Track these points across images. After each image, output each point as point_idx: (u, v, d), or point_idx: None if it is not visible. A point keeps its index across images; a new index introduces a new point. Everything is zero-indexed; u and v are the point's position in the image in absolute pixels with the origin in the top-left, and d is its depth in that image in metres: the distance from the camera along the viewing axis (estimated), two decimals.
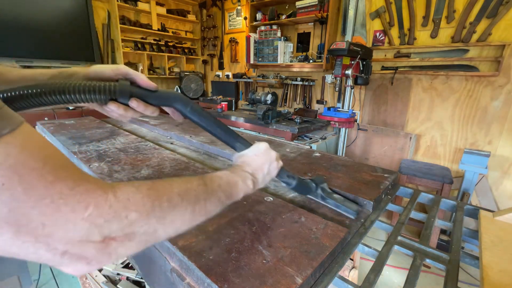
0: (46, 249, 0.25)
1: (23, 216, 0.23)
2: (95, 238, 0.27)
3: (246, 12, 3.78)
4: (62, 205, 0.25)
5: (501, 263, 0.61)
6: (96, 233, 0.27)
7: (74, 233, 0.25)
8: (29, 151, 0.24)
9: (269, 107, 2.84)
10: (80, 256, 0.27)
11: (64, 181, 0.26)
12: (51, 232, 0.24)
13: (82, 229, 0.26)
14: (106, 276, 1.50)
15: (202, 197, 0.41)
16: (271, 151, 0.61)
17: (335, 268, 0.60)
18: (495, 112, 2.24)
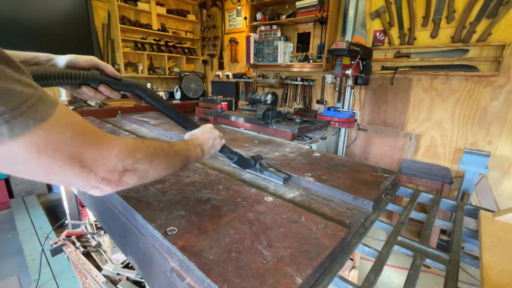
0: (94, 176, 0.40)
1: (83, 156, 0.38)
2: (119, 168, 0.44)
3: (246, 12, 3.78)
4: (102, 149, 0.41)
5: (501, 263, 0.61)
6: (120, 165, 0.44)
7: (109, 165, 0.42)
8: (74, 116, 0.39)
9: (269, 107, 2.84)
10: (109, 181, 0.43)
11: (101, 135, 0.42)
12: (97, 164, 0.40)
13: (113, 162, 0.42)
14: (106, 276, 1.50)
15: (171, 153, 0.58)
16: (215, 130, 0.79)
17: (335, 268, 0.60)
18: (495, 112, 2.24)
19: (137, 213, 0.71)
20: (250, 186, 0.90)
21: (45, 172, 0.36)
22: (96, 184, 0.42)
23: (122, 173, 0.44)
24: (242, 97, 4.38)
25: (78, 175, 0.38)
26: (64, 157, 0.36)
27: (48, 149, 0.34)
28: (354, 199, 0.86)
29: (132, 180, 0.47)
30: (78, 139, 0.37)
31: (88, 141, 0.39)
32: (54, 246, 1.78)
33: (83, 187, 0.42)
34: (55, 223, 2.45)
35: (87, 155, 0.38)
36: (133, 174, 0.47)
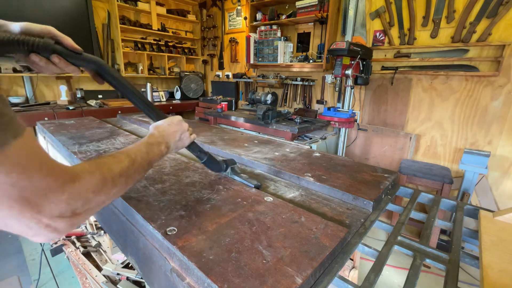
0: (36, 222, 0.35)
1: (26, 197, 0.33)
2: (67, 214, 0.38)
3: (246, 12, 3.78)
4: (49, 193, 0.36)
5: (501, 263, 0.61)
6: (68, 210, 0.38)
7: (55, 211, 0.36)
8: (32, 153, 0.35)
9: (269, 107, 2.84)
10: (55, 228, 0.37)
11: (51, 176, 0.36)
12: (42, 210, 0.35)
13: (60, 207, 0.37)
14: (106, 276, 1.50)
15: (132, 171, 0.55)
16: (184, 123, 0.73)
17: (335, 268, 0.60)
18: (495, 112, 2.24)
19: (137, 213, 0.71)
20: (250, 186, 0.90)
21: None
22: (40, 231, 0.36)
23: (70, 218, 0.39)
24: (242, 97, 4.38)
25: (16, 219, 0.33)
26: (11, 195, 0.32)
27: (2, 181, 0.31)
28: (354, 199, 0.86)
29: (83, 219, 0.43)
30: (25, 180, 0.33)
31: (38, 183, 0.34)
32: (54, 246, 1.78)
33: (24, 233, 0.36)
34: None
35: (31, 199, 0.33)
36: (84, 215, 0.42)
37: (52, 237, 0.38)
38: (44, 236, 0.37)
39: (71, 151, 1.20)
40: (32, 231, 0.36)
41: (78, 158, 1.12)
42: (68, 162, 1.29)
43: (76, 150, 1.21)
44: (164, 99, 4.32)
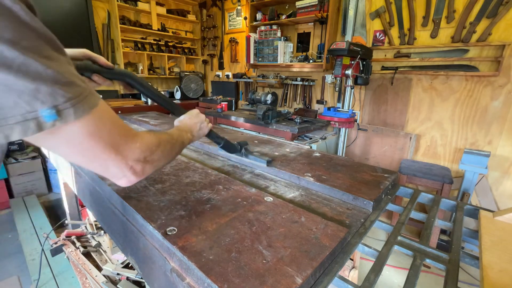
0: (125, 164, 0.47)
1: (118, 145, 0.45)
2: (141, 159, 0.50)
3: (246, 12, 3.78)
4: (129, 141, 0.48)
5: (501, 263, 0.61)
6: (142, 156, 0.50)
7: (134, 155, 0.49)
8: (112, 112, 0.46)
9: (269, 107, 2.84)
10: (135, 170, 0.49)
11: (129, 131, 0.49)
12: (126, 154, 0.47)
13: (136, 153, 0.49)
14: (106, 276, 1.50)
15: (173, 143, 0.65)
16: (201, 115, 0.86)
17: (335, 268, 0.60)
18: (495, 112, 2.24)
19: (137, 213, 0.71)
20: (250, 186, 0.90)
21: (91, 155, 0.42)
22: (126, 172, 0.48)
23: (143, 163, 0.51)
24: (242, 97, 4.38)
25: (113, 161, 0.45)
26: (106, 143, 0.43)
27: (95, 132, 0.40)
28: (354, 199, 0.86)
29: (150, 169, 0.54)
30: (115, 131, 0.45)
31: (122, 133, 0.46)
32: (54, 246, 1.78)
33: (115, 175, 0.48)
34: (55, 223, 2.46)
35: (120, 144, 0.46)
36: (151, 164, 0.54)
37: (132, 180, 0.50)
38: (127, 178, 0.49)
39: None
40: (121, 172, 0.47)
41: None
42: (69, 163, 1.29)
43: None
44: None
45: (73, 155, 0.41)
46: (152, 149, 0.54)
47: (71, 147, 0.39)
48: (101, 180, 0.92)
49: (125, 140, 0.47)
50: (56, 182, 3.18)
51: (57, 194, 3.18)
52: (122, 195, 0.80)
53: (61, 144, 0.39)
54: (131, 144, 0.48)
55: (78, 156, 0.42)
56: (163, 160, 0.59)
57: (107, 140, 0.43)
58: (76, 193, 1.36)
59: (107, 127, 0.43)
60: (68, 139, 0.38)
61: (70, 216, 2.19)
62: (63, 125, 0.35)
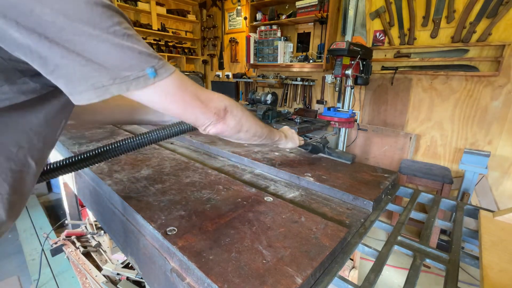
0: (209, 111, 0.55)
1: (200, 96, 0.53)
2: (222, 107, 0.57)
3: (246, 12, 3.78)
4: (208, 93, 0.56)
5: (501, 263, 0.61)
6: (222, 105, 0.58)
7: (215, 104, 0.56)
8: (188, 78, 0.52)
9: (269, 107, 2.84)
10: (219, 117, 0.57)
11: (203, 88, 0.55)
12: (209, 102, 0.55)
13: (217, 102, 0.57)
14: (106, 276, 1.50)
15: (255, 116, 0.71)
16: (292, 129, 1.03)
17: (335, 268, 0.60)
18: (495, 112, 2.24)
19: (137, 213, 0.71)
20: (250, 186, 0.90)
21: (183, 105, 0.51)
22: (211, 118, 0.56)
23: (225, 111, 0.58)
24: (242, 97, 4.38)
25: (201, 109, 0.53)
26: (191, 94, 0.51)
27: (183, 87, 0.49)
28: (354, 199, 0.86)
29: (232, 121, 0.60)
30: (194, 85, 0.52)
31: (199, 88, 0.54)
32: (54, 246, 1.78)
33: (203, 123, 0.56)
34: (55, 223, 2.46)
35: (202, 96, 0.53)
36: (231, 115, 0.60)
37: (219, 127, 0.58)
38: (213, 124, 0.57)
39: (71, 151, 1.21)
40: (208, 118, 0.55)
41: None
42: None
43: (76, 150, 1.21)
44: None
45: (169, 105, 0.49)
46: (230, 101, 0.60)
47: (167, 98, 0.48)
48: (101, 180, 0.92)
49: (204, 93, 0.54)
50: (56, 182, 3.18)
51: (57, 194, 3.19)
52: (122, 195, 0.80)
53: (160, 97, 0.47)
54: (209, 95, 0.55)
55: (173, 106, 0.50)
56: (245, 121, 0.65)
57: (191, 91, 0.51)
58: (76, 193, 1.36)
59: (188, 83, 0.51)
60: (165, 92, 0.47)
61: (70, 216, 2.19)
62: (160, 81, 0.44)
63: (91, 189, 1.05)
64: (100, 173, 0.97)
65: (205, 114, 0.55)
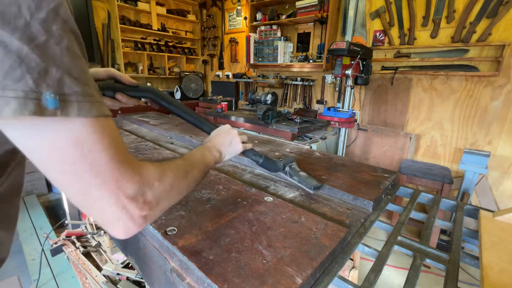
0: (116, 199, 0.36)
1: (105, 175, 0.35)
2: (139, 199, 0.38)
3: (246, 12, 3.78)
4: (125, 173, 0.36)
5: (501, 263, 0.61)
6: (140, 194, 0.38)
7: (130, 190, 0.37)
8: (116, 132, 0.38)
9: (269, 107, 2.84)
10: (131, 214, 0.38)
11: (128, 156, 0.39)
12: (120, 185, 0.36)
13: (134, 188, 0.37)
14: (106, 276, 1.50)
15: (189, 168, 0.54)
16: (233, 130, 0.76)
17: (335, 268, 0.60)
18: (495, 112, 2.24)
19: None
20: (250, 186, 0.90)
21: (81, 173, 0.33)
22: (116, 212, 0.36)
23: (144, 204, 0.39)
24: (242, 97, 4.38)
25: (100, 189, 0.35)
26: (104, 160, 0.34)
27: (95, 143, 0.34)
28: (354, 199, 0.86)
29: (155, 213, 0.43)
30: (117, 151, 0.36)
31: (123, 159, 0.37)
32: (54, 246, 1.78)
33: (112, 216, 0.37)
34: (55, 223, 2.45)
35: (110, 175, 0.35)
36: (155, 206, 0.41)
37: (128, 226, 0.38)
38: (122, 222, 0.38)
39: None
40: (112, 212, 0.36)
41: None
42: None
43: None
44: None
45: (59, 164, 0.32)
46: (154, 184, 0.42)
47: (61, 150, 0.31)
48: None
49: (123, 169, 0.36)
50: None
51: (57, 194, 3.18)
52: None
53: (51, 142, 0.31)
54: (128, 176, 0.37)
55: (65, 167, 0.32)
56: (176, 194, 0.48)
57: (105, 157, 0.34)
58: None
59: (108, 143, 0.35)
60: (64, 137, 0.31)
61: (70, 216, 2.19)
62: (62, 118, 0.30)
63: None
64: None
65: (116, 203, 0.36)
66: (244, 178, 1.04)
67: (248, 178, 1.04)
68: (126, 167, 0.37)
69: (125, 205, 0.36)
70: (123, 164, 0.36)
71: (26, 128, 0.30)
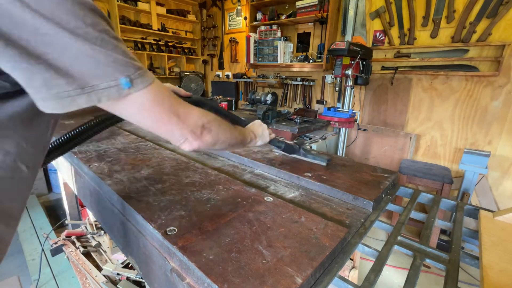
0: (186, 127, 0.52)
1: (178, 111, 0.51)
2: (199, 124, 0.55)
3: (246, 12, 3.78)
4: (186, 109, 0.53)
5: (501, 263, 0.61)
6: (200, 122, 0.55)
7: (193, 120, 0.54)
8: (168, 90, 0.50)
9: (269, 107, 2.84)
10: (195, 134, 0.54)
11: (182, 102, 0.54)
12: (186, 119, 0.52)
13: (195, 119, 0.54)
14: (106, 276, 1.50)
15: (230, 125, 0.70)
16: (263, 124, 0.96)
17: (335, 268, 0.60)
18: (495, 112, 2.24)
19: (137, 213, 0.71)
20: (250, 186, 0.90)
21: (158, 120, 0.48)
22: (187, 135, 0.53)
23: (202, 128, 0.55)
24: (242, 97, 4.38)
25: (176, 125, 0.51)
26: (168, 109, 0.49)
27: (159, 100, 0.47)
28: (354, 199, 0.86)
29: (209, 138, 0.58)
30: (172, 100, 0.50)
31: (177, 102, 0.52)
32: (54, 246, 1.78)
33: (179, 138, 0.53)
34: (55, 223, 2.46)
35: (180, 111, 0.51)
36: (209, 132, 0.57)
37: (194, 144, 0.55)
38: (189, 142, 0.54)
39: (70, 151, 1.20)
40: (183, 135, 0.53)
41: (78, 158, 1.12)
42: (68, 163, 1.29)
43: (76, 150, 1.21)
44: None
45: (143, 120, 0.47)
46: (208, 118, 0.58)
47: (141, 112, 0.46)
48: (101, 180, 0.92)
49: (183, 107, 0.52)
50: (56, 182, 3.18)
51: (57, 194, 3.18)
52: (122, 195, 0.80)
53: (133, 110, 0.45)
54: (189, 110, 0.53)
55: (148, 121, 0.48)
56: (222, 135, 0.63)
57: (168, 106, 0.48)
58: (76, 193, 1.36)
59: (166, 96, 0.48)
60: (139, 105, 0.44)
61: (70, 216, 2.19)
62: (135, 92, 0.42)
63: (91, 189, 1.05)
64: (100, 173, 0.97)
65: (181, 130, 0.52)
66: (244, 178, 1.04)
67: (248, 178, 1.04)
68: (185, 107, 0.53)
69: (191, 130, 0.53)
70: (183, 105, 0.53)
71: (122, 106, 0.43)
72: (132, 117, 0.46)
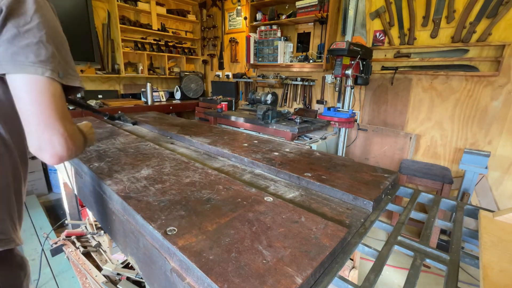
0: (64, 133, 0.58)
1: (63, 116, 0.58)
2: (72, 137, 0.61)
3: (246, 12, 3.78)
4: (71, 121, 0.61)
5: (501, 263, 0.61)
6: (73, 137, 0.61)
7: (70, 131, 0.60)
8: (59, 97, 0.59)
9: (269, 107, 2.84)
10: (68, 145, 0.59)
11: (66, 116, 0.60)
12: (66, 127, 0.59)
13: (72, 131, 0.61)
14: (106, 276, 1.50)
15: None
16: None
17: (335, 268, 0.60)
18: (495, 112, 2.24)
19: (137, 213, 0.71)
20: (250, 186, 0.90)
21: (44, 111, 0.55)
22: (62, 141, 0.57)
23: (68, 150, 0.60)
24: (242, 97, 4.37)
25: (56, 127, 0.56)
26: (57, 107, 0.56)
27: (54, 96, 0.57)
28: (354, 199, 0.86)
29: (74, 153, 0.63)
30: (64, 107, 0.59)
31: (67, 112, 0.59)
32: (54, 246, 1.78)
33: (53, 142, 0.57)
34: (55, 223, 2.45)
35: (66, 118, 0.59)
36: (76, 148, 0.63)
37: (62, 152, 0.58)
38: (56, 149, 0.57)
39: None
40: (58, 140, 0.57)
41: (78, 158, 1.12)
42: (68, 162, 1.29)
43: None
44: (164, 99, 4.32)
45: (30, 103, 0.54)
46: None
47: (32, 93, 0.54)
48: (101, 180, 0.92)
49: (69, 118, 0.60)
50: (56, 182, 3.18)
51: (57, 194, 3.18)
52: (122, 195, 0.80)
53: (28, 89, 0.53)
54: (72, 124, 0.60)
55: (33, 106, 0.54)
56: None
57: (58, 106, 0.56)
58: (76, 193, 1.36)
59: (61, 100, 0.58)
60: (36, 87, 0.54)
61: (70, 216, 2.19)
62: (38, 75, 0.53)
63: (91, 189, 1.05)
64: (100, 173, 0.97)
65: (58, 134, 0.57)
66: (244, 178, 1.04)
67: (248, 178, 1.04)
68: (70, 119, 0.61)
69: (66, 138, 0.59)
70: (68, 116, 0.60)
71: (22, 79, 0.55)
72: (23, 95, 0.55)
